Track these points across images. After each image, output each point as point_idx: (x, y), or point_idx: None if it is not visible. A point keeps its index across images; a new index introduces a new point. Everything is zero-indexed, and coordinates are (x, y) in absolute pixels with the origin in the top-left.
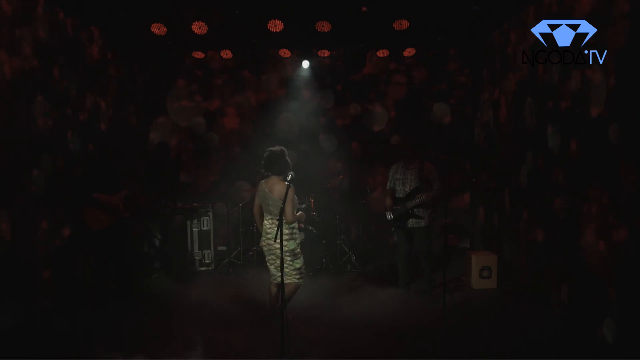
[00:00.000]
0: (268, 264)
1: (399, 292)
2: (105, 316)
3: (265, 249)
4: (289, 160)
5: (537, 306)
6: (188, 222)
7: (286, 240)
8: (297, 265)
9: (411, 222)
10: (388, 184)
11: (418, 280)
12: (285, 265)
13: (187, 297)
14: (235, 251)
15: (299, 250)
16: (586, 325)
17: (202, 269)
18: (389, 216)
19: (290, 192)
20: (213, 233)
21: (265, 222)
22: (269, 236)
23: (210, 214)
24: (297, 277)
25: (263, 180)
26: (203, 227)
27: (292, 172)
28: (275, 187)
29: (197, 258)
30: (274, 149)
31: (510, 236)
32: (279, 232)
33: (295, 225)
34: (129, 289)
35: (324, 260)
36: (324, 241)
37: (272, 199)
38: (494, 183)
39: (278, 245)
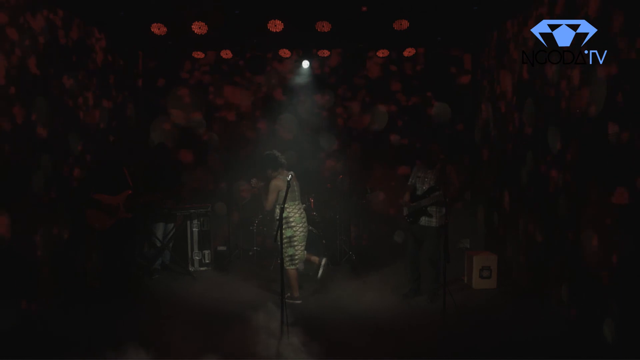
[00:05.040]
0: (301, 249)
1: (398, 292)
2: (105, 316)
3: (302, 234)
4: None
5: (537, 306)
6: (188, 222)
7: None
8: (290, 252)
9: (423, 220)
10: (410, 179)
11: (422, 281)
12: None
13: (187, 297)
14: (235, 251)
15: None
16: (587, 325)
17: (202, 269)
18: (405, 211)
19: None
20: (213, 233)
21: (294, 208)
22: (304, 220)
23: (210, 214)
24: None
25: (287, 177)
26: (203, 227)
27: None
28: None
29: (197, 258)
30: (275, 151)
31: (510, 236)
32: (279, 232)
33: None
34: (129, 289)
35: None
36: (324, 241)
37: (298, 187)
38: (494, 182)
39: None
